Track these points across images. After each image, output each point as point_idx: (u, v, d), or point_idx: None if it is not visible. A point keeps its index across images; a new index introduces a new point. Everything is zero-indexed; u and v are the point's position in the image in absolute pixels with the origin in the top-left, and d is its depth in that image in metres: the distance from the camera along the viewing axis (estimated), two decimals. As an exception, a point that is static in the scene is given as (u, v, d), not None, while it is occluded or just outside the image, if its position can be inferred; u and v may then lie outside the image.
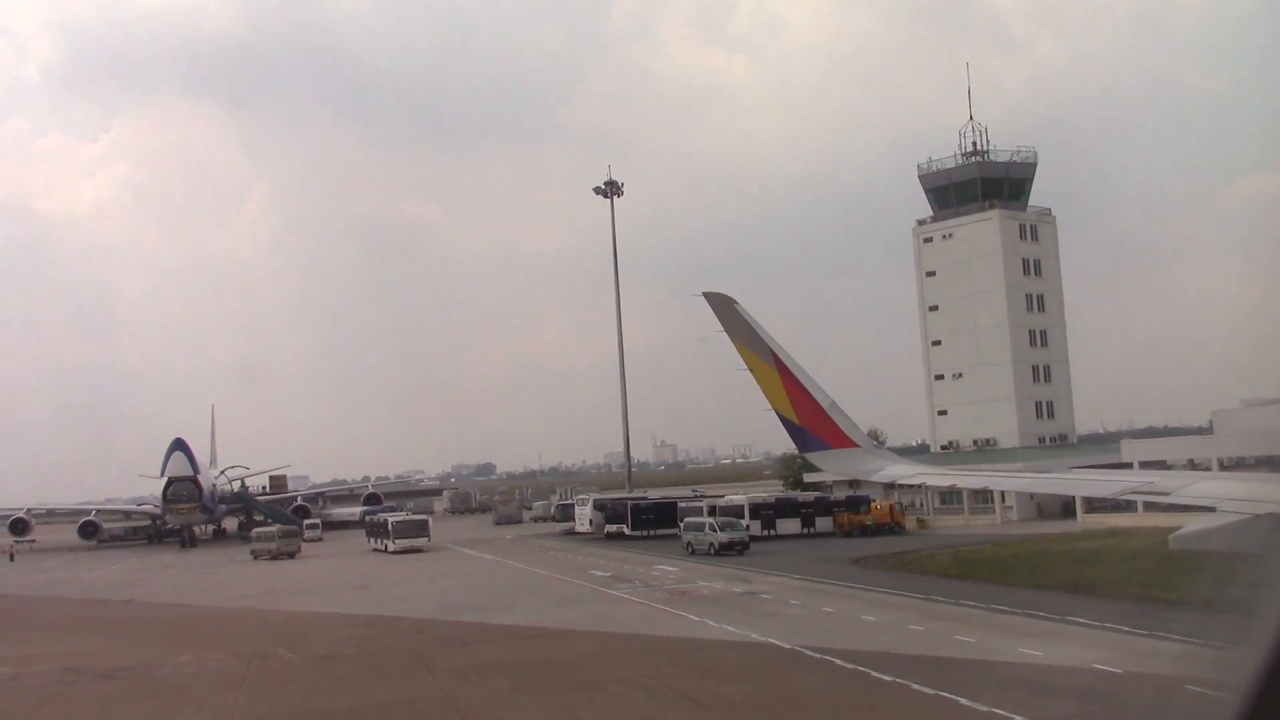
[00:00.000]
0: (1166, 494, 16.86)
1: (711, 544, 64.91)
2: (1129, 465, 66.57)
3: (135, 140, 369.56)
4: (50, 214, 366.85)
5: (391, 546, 79.19)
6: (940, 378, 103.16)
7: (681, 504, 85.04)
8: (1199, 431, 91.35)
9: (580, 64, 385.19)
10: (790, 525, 77.95)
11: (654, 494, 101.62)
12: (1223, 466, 62.66)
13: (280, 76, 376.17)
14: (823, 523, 78.85)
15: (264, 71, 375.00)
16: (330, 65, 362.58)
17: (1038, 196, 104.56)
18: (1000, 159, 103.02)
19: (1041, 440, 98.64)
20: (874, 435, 65.32)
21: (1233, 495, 15.00)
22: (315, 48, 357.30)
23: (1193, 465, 65.28)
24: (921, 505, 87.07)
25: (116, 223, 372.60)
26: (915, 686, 24.34)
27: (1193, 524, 15.57)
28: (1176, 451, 74.88)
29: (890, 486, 74.00)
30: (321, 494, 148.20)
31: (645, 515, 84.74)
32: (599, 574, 56.08)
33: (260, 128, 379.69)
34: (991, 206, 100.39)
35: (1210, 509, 15.10)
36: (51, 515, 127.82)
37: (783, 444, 62.93)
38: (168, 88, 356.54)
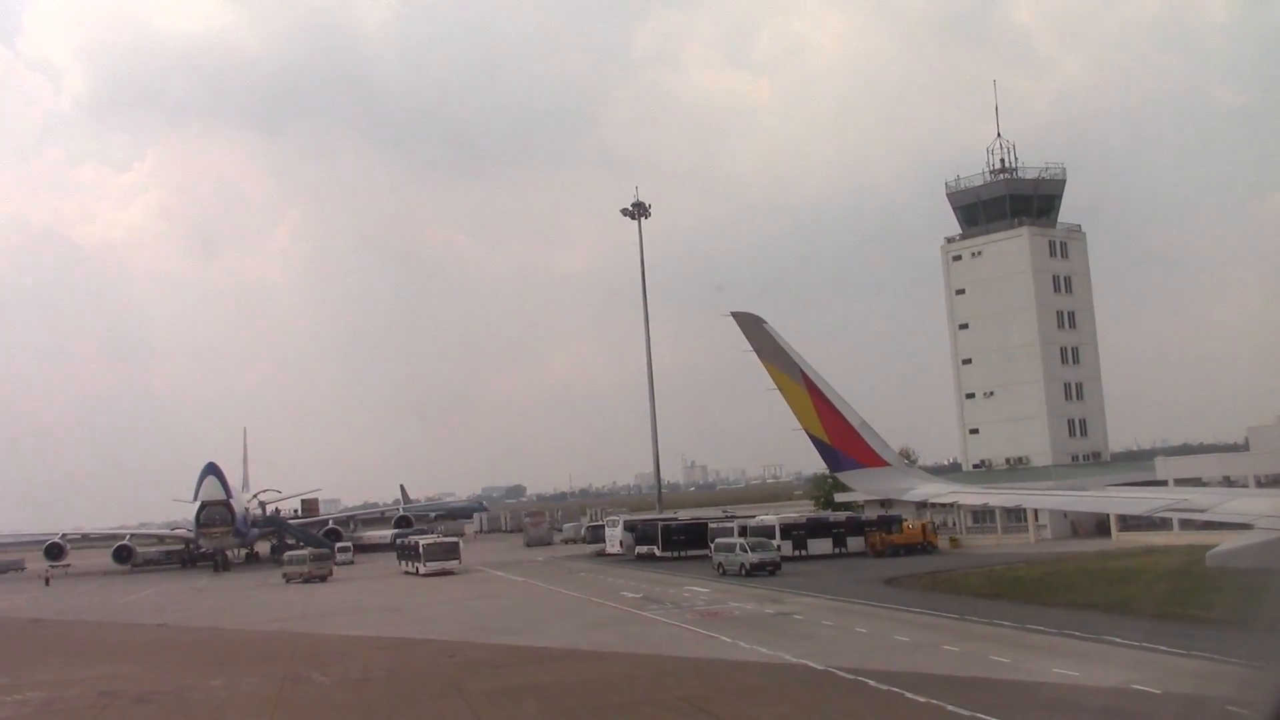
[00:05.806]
0: (1202, 511, 16.69)
1: (743, 565, 64.62)
2: (1164, 482, 65.72)
3: (169, 168, 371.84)
4: (85, 242, 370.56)
5: (423, 569, 79.29)
6: (971, 396, 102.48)
7: (712, 525, 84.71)
8: (1234, 448, 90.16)
9: (605, 89, 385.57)
10: (822, 545, 77.53)
11: (684, 515, 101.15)
12: (1259, 483, 61.89)
13: (309, 103, 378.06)
14: (854, 543, 78.41)
15: (293, 98, 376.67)
16: (358, 92, 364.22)
17: (1067, 213, 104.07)
18: (1029, 176, 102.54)
19: (1075, 458, 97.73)
20: (905, 454, 64.89)
21: (1269, 512, 14.84)
22: (343, 74, 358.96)
23: (1229, 482, 64.35)
24: (954, 524, 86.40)
25: (150, 250, 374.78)
26: (950, 708, 24.09)
27: (1229, 541, 15.40)
28: (1212, 468, 73.88)
29: (922, 506, 73.38)
30: (353, 517, 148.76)
31: (676, 536, 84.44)
32: (630, 595, 55.93)
33: (290, 154, 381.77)
34: (1020, 224, 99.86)
35: (1247, 526, 14.94)
36: (86, 540, 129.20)
37: (813, 464, 62.89)
38: (200, 116, 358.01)
